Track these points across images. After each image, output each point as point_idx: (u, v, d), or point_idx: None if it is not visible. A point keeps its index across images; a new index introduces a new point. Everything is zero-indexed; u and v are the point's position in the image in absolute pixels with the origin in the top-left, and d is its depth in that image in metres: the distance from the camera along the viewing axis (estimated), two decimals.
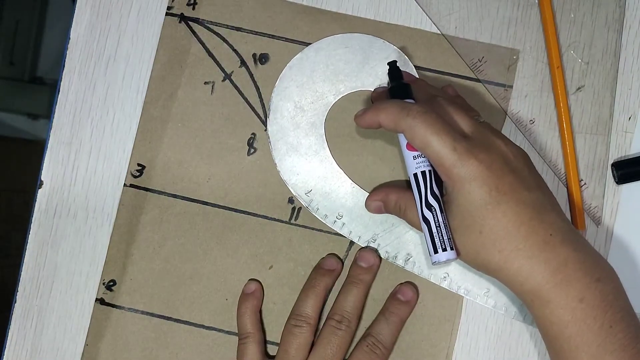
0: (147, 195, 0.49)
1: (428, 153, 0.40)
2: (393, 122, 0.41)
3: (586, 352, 0.38)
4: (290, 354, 0.45)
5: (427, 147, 0.40)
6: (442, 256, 0.41)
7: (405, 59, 0.48)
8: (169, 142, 0.49)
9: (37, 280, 0.49)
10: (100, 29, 0.50)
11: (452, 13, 0.49)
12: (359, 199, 0.48)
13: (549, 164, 0.48)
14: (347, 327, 0.45)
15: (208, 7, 0.50)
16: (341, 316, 0.45)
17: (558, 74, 0.47)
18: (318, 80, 0.49)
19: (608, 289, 0.39)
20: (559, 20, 0.48)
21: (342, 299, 0.46)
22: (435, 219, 0.41)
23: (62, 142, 0.50)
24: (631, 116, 0.48)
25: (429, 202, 0.42)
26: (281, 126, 0.49)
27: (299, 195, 0.48)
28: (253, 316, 0.47)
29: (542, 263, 0.39)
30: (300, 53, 0.49)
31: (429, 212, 0.41)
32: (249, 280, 0.48)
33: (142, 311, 0.48)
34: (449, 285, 0.47)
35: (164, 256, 0.49)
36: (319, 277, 0.47)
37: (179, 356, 0.48)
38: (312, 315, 0.46)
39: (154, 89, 0.49)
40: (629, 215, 0.48)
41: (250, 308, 0.47)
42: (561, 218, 0.41)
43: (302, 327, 0.45)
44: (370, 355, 0.45)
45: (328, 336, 0.45)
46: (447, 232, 0.41)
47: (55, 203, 0.49)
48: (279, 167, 0.48)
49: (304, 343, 0.45)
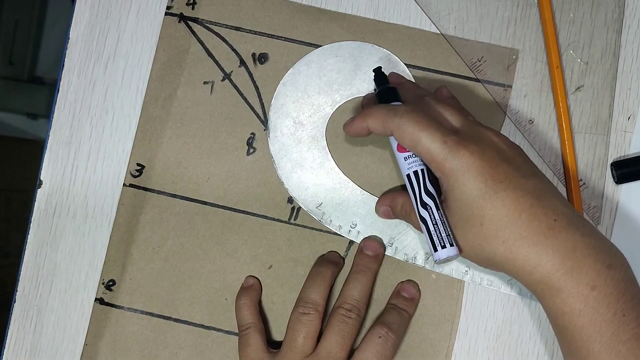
0: (147, 195, 0.49)
1: (419, 150, 0.40)
2: (381, 124, 0.41)
3: (599, 341, 0.37)
4: (298, 343, 0.44)
5: (417, 144, 0.40)
6: (442, 253, 0.41)
7: (397, 60, 0.48)
8: (169, 141, 0.49)
9: (37, 280, 0.49)
10: (99, 28, 0.50)
11: (451, 13, 0.49)
12: (370, 206, 0.48)
13: (548, 163, 0.48)
14: (357, 315, 0.45)
15: (207, 7, 0.50)
16: (350, 305, 0.45)
17: (557, 74, 0.47)
18: (313, 93, 0.49)
19: (620, 276, 0.37)
20: (558, 20, 0.48)
21: (351, 287, 0.45)
22: (432, 217, 0.41)
23: (61, 142, 0.50)
24: (630, 116, 0.48)
25: (423, 201, 0.42)
26: (283, 144, 0.49)
27: (310, 210, 0.48)
28: (252, 306, 0.47)
29: (549, 250, 0.38)
30: (291, 69, 0.49)
31: (424, 211, 0.41)
32: (247, 276, 0.48)
33: (141, 311, 0.48)
34: (471, 278, 0.47)
35: (164, 256, 0.49)
36: (324, 265, 0.47)
37: (178, 356, 0.48)
38: (320, 302, 0.45)
39: (153, 89, 0.49)
40: (629, 214, 0.48)
41: (250, 299, 0.47)
42: (563, 203, 0.39)
43: (310, 315, 0.44)
44: (383, 346, 0.44)
45: (338, 324, 0.44)
46: (445, 229, 0.41)
47: (55, 203, 0.49)
48: (287, 185, 0.48)
49: (312, 331, 0.44)
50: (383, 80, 0.45)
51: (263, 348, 0.45)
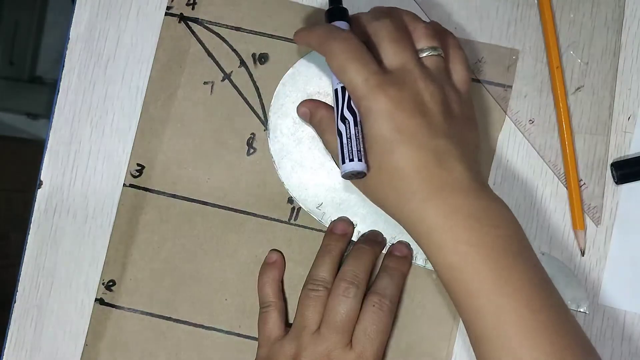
0: (147, 195, 0.49)
1: (342, 79, 0.41)
2: (318, 44, 0.42)
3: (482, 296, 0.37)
4: (308, 318, 0.45)
5: (341, 73, 0.40)
6: (348, 166, 0.40)
7: None
8: (169, 142, 0.49)
9: (37, 280, 0.49)
10: (99, 28, 0.50)
11: (451, 13, 0.49)
12: (371, 205, 0.47)
13: (548, 163, 0.48)
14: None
15: (207, 7, 0.50)
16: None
17: (557, 74, 0.47)
18: (313, 92, 0.49)
19: (502, 235, 0.38)
20: (558, 21, 0.48)
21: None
22: (348, 131, 0.41)
23: (61, 142, 0.50)
24: (630, 116, 0.48)
25: (344, 115, 0.41)
26: (283, 144, 0.49)
27: (310, 210, 0.48)
28: (275, 285, 0.47)
29: (434, 207, 0.38)
30: (291, 68, 0.49)
31: (342, 125, 0.41)
32: (270, 250, 0.48)
33: (141, 311, 0.48)
34: None
35: (164, 256, 0.49)
36: (333, 242, 0.47)
37: (178, 356, 0.48)
38: (329, 279, 0.46)
39: (153, 89, 0.49)
40: (629, 215, 0.48)
41: (272, 277, 0.47)
42: (465, 168, 0.40)
43: (319, 291, 0.45)
44: (378, 314, 0.44)
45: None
46: (357, 144, 0.40)
47: (55, 203, 0.49)
48: (287, 185, 0.48)
49: (321, 307, 0.45)
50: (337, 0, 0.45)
51: (280, 326, 0.46)
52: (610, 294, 0.47)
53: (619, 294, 0.47)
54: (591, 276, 0.47)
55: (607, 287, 0.47)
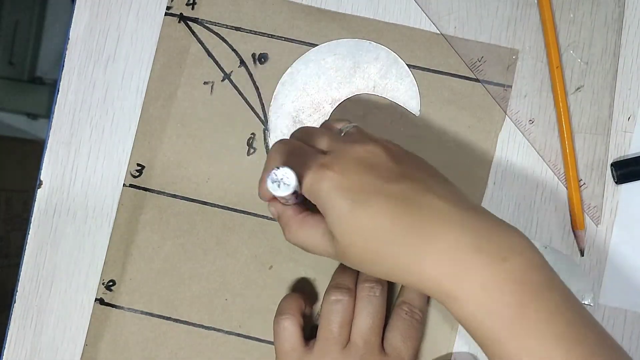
0: (147, 195, 0.49)
1: None
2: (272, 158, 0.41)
3: (510, 341, 0.34)
4: (334, 332, 0.43)
5: None
6: None
7: (395, 57, 0.48)
8: (169, 142, 0.49)
9: (37, 280, 0.49)
10: (99, 29, 0.50)
11: (451, 13, 0.49)
12: None
13: (548, 163, 0.48)
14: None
15: (207, 7, 0.50)
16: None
17: (557, 74, 0.47)
18: (312, 92, 0.49)
19: (515, 266, 0.34)
20: (558, 20, 0.48)
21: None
22: None
23: (61, 142, 0.50)
24: (630, 116, 0.48)
25: None
26: None
27: None
28: (298, 301, 0.45)
29: (429, 257, 0.35)
30: (290, 68, 0.49)
31: None
32: None
33: (141, 311, 0.48)
34: None
35: (164, 256, 0.49)
36: None
37: (178, 356, 0.48)
38: (351, 286, 0.44)
39: (153, 89, 0.49)
40: (629, 215, 0.48)
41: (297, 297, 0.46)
42: (444, 198, 0.36)
43: (344, 300, 0.43)
44: (411, 321, 0.44)
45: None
46: None
47: (55, 203, 0.49)
48: None
49: (347, 317, 0.43)
50: None
51: (300, 338, 0.44)
52: (610, 293, 0.47)
53: (619, 293, 0.47)
54: (591, 276, 0.47)
55: (607, 286, 0.47)
